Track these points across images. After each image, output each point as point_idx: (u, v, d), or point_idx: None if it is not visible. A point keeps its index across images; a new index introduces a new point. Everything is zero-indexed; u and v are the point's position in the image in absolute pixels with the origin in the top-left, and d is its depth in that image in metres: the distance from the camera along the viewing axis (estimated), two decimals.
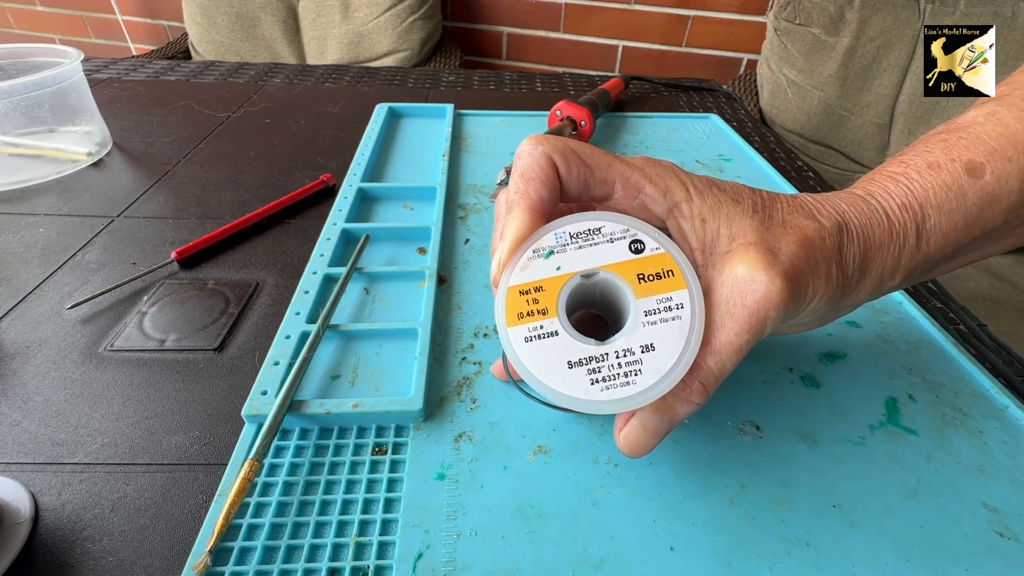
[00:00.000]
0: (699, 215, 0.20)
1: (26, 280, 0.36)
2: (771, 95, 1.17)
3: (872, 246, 0.21)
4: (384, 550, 0.22)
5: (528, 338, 0.19)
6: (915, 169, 0.21)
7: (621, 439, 0.21)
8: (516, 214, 0.20)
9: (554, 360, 0.19)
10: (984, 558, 0.22)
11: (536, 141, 0.21)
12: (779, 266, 0.19)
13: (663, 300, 0.19)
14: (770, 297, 0.18)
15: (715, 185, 0.21)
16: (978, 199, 0.20)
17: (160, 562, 0.21)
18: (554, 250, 0.20)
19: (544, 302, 0.19)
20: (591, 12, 1.39)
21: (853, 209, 0.21)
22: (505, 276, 0.20)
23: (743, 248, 0.19)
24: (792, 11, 1.12)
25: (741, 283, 0.19)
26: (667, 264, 0.20)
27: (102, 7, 1.64)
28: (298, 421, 0.26)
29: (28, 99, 0.47)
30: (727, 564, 0.21)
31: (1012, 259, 0.97)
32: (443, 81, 0.76)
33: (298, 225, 0.43)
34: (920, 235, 0.21)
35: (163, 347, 0.31)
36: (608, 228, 0.20)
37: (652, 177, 0.20)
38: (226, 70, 0.76)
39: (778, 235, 0.20)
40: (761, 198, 0.21)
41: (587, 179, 0.21)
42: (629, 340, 0.19)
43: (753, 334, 0.19)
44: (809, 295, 0.20)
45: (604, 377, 0.18)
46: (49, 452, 0.25)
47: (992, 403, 0.29)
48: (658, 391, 0.18)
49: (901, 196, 0.21)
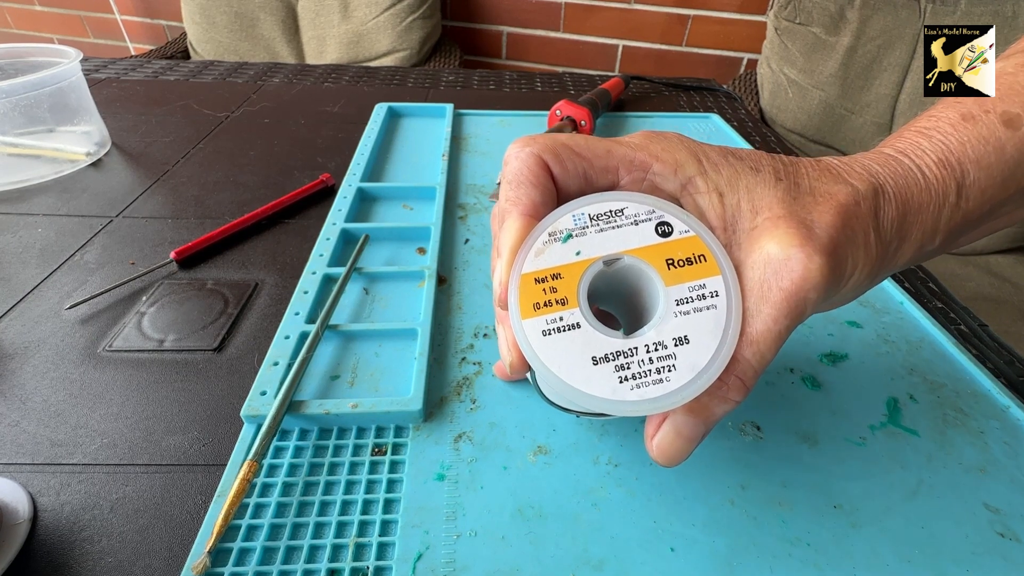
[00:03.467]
0: (715, 189, 0.18)
1: (25, 280, 0.36)
2: (771, 95, 1.17)
3: (911, 208, 0.19)
4: (384, 551, 0.22)
5: (546, 331, 0.17)
6: (948, 122, 0.20)
7: (654, 447, 0.19)
8: (509, 223, 0.19)
9: (577, 356, 0.17)
10: (985, 559, 0.22)
11: (523, 143, 0.19)
12: (816, 241, 0.17)
13: (696, 288, 0.17)
14: (809, 277, 0.16)
15: (730, 154, 0.19)
16: (1016, 152, 0.19)
17: (159, 563, 0.21)
18: (573, 233, 0.18)
19: (563, 291, 0.17)
20: (591, 12, 1.39)
21: (886, 169, 0.19)
22: (517, 264, 0.18)
23: (771, 223, 0.17)
24: (792, 10, 1.12)
25: (775, 263, 0.17)
26: (698, 248, 0.18)
27: (101, 7, 1.63)
28: (297, 422, 0.26)
29: (27, 99, 0.47)
30: (727, 565, 0.21)
31: (1013, 259, 0.97)
32: (443, 81, 0.76)
33: (297, 225, 0.43)
34: (960, 193, 0.19)
35: (162, 347, 0.31)
36: (632, 209, 0.18)
37: (658, 154, 0.19)
38: (225, 70, 0.76)
39: (808, 205, 0.18)
40: (783, 163, 0.19)
41: (586, 171, 0.19)
42: (660, 332, 0.17)
43: (793, 319, 0.17)
44: (849, 269, 0.18)
45: (634, 374, 0.16)
46: (48, 453, 0.25)
47: (993, 403, 0.29)
48: (695, 388, 0.16)
49: (936, 152, 0.19)
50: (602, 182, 0.19)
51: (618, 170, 0.19)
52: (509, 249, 0.18)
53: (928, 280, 0.41)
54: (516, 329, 0.17)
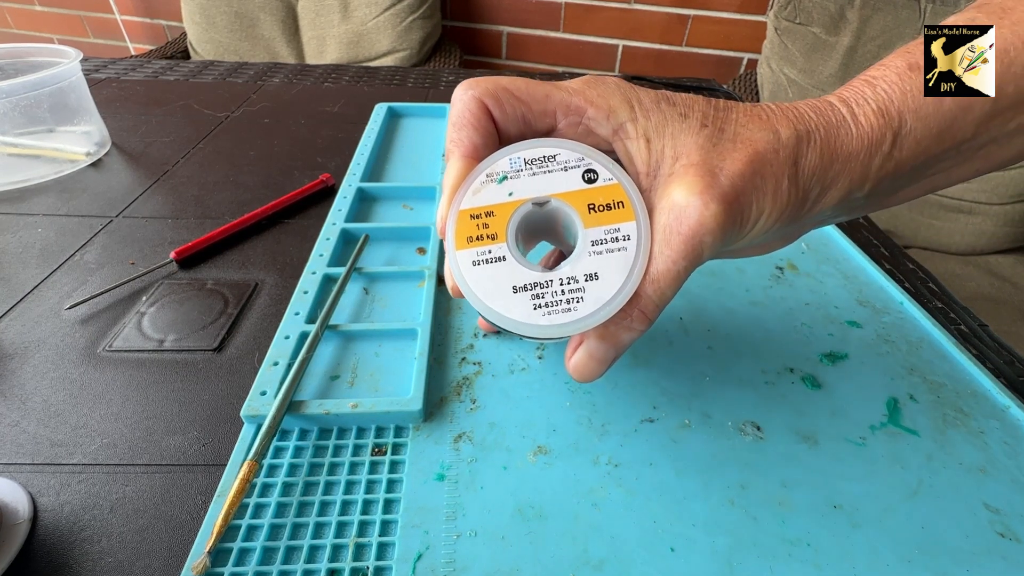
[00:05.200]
0: (644, 135, 0.19)
1: (25, 280, 0.35)
2: (771, 95, 1.17)
3: (839, 156, 0.19)
4: (384, 551, 0.22)
5: (476, 262, 0.19)
6: (895, 71, 0.20)
7: (570, 366, 0.21)
8: (451, 163, 0.20)
9: (499, 284, 0.19)
10: (985, 559, 0.22)
11: (466, 85, 0.20)
12: (716, 188, 0.18)
13: (610, 231, 0.19)
14: (704, 223, 0.18)
15: (664, 100, 0.20)
16: (954, 105, 0.19)
17: (159, 563, 0.21)
18: (507, 175, 0.20)
19: (494, 227, 0.19)
20: (591, 11, 1.39)
21: (819, 117, 0.20)
22: (456, 200, 0.20)
23: (683, 170, 0.19)
24: (792, 10, 1.12)
25: (677, 209, 0.18)
26: (618, 195, 0.19)
27: (100, 7, 1.63)
28: (297, 422, 0.26)
29: (27, 99, 0.47)
30: (727, 565, 0.21)
31: (1013, 259, 0.97)
32: (443, 81, 0.76)
33: (297, 225, 0.43)
34: (895, 143, 0.20)
35: (162, 347, 0.31)
36: (563, 156, 0.20)
37: (593, 99, 0.20)
38: (225, 70, 0.76)
39: (725, 151, 0.19)
40: (715, 109, 0.20)
41: (524, 115, 0.20)
42: (574, 268, 0.19)
43: (690, 260, 0.18)
44: (753, 216, 0.19)
45: (547, 303, 0.19)
46: (48, 453, 0.25)
47: (993, 403, 0.29)
48: (598, 318, 0.19)
49: (878, 101, 0.20)
50: (540, 125, 0.20)
51: (555, 114, 0.20)
52: (450, 187, 0.20)
53: (928, 280, 0.41)
54: (450, 258, 0.20)
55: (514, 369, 0.30)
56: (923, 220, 1.02)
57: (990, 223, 0.98)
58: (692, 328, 0.33)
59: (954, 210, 1.00)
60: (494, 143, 0.21)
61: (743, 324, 0.33)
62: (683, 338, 0.32)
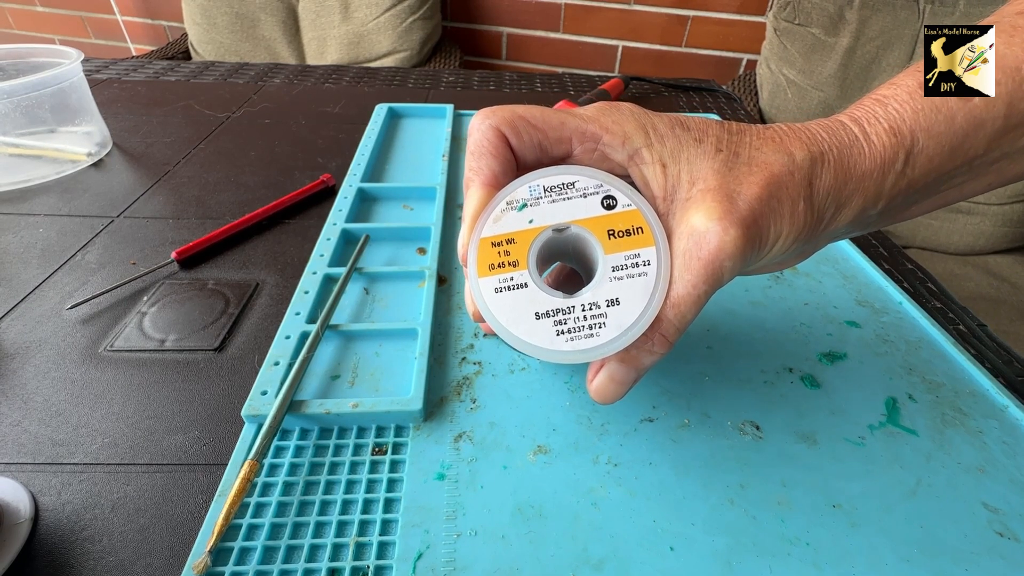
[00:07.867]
0: (660, 160, 0.20)
1: (26, 280, 0.36)
2: (771, 95, 1.17)
3: (852, 175, 0.20)
4: (384, 550, 0.22)
5: (498, 289, 0.20)
6: (905, 90, 0.20)
7: (592, 389, 0.21)
8: (472, 192, 0.21)
9: (522, 311, 0.19)
10: (984, 558, 0.22)
11: (484, 115, 0.21)
12: (735, 214, 0.18)
13: (631, 256, 0.19)
14: (724, 248, 0.18)
15: (679, 124, 0.20)
16: (965, 123, 0.20)
17: (160, 562, 0.21)
18: (527, 203, 0.20)
19: (515, 254, 0.20)
20: (591, 12, 1.39)
21: (832, 138, 0.20)
22: (477, 229, 0.20)
23: (701, 195, 0.19)
24: (792, 11, 1.12)
25: (696, 235, 0.18)
26: (637, 221, 0.20)
27: (102, 8, 1.64)
28: (298, 421, 0.26)
29: (28, 99, 0.47)
30: (727, 564, 0.21)
31: (1012, 259, 0.97)
32: (443, 81, 0.76)
33: (298, 225, 0.43)
34: (908, 161, 0.20)
35: (163, 347, 0.31)
36: (582, 183, 0.20)
37: (608, 126, 0.20)
38: (226, 70, 0.76)
39: (741, 175, 0.19)
40: (728, 133, 0.20)
41: (541, 142, 0.20)
42: (595, 294, 0.19)
43: (711, 284, 0.19)
44: (771, 238, 0.19)
45: (570, 329, 0.19)
46: (49, 452, 0.25)
47: (992, 403, 0.29)
48: (620, 343, 0.19)
49: (890, 120, 0.20)
50: (557, 152, 0.21)
51: (571, 141, 0.20)
52: (471, 216, 0.20)
53: (927, 280, 0.41)
54: (473, 286, 0.20)
55: (514, 369, 0.30)
56: (922, 220, 1.02)
57: (989, 223, 0.98)
58: (692, 328, 0.33)
59: (953, 210, 1.00)
60: (512, 171, 0.21)
61: (742, 324, 0.33)
62: (683, 338, 0.32)
